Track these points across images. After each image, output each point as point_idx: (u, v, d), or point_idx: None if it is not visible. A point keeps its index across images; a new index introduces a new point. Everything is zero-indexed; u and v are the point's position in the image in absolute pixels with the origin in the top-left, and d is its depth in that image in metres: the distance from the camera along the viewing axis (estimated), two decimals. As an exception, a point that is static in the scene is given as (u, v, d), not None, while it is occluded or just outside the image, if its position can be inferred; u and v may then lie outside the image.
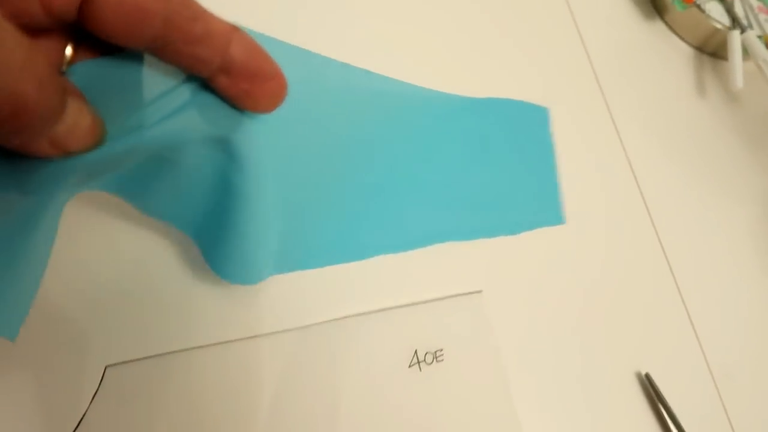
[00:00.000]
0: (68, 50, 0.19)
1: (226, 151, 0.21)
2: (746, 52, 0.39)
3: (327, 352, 0.27)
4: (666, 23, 0.42)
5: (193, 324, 0.26)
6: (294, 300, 0.27)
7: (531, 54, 0.38)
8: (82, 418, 0.23)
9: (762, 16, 0.41)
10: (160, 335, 0.26)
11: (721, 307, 0.35)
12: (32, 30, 0.17)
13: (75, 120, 0.17)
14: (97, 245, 0.26)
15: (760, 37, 0.39)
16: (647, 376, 0.31)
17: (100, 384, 0.24)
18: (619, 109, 0.38)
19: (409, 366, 0.28)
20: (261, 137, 0.22)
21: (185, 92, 0.20)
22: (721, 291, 0.35)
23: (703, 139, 0.40)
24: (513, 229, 0.32)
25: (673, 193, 0.37)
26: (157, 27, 0.17)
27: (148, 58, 0.19)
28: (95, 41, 0.18)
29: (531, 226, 0.33)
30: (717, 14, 0.40)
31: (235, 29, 0.19)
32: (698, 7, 0.40)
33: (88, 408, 0.23)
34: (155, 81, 0.19)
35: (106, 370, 0.24)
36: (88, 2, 0.16)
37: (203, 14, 0.18)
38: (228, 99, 0.20)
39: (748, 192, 0.39)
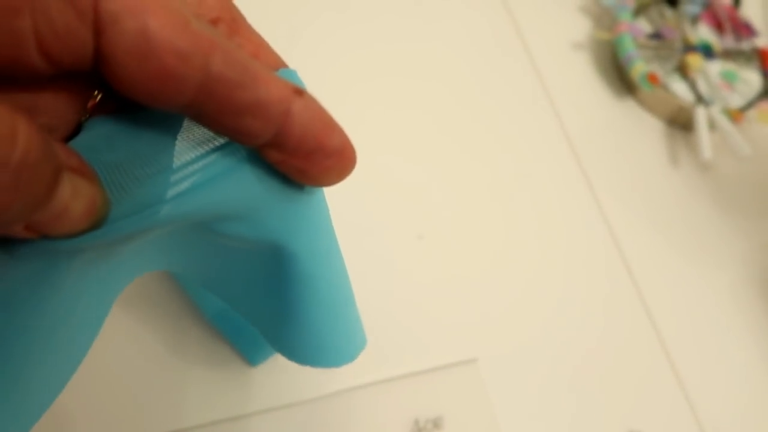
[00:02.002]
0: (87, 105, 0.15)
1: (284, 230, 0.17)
2: (713, 124, 0.42)
3: (331, 427, 0.29)
4: (637, 101, 0.46)
5: (197, 403, 0.28)
6: (293, 374, 0.29)
7: (510, 134, 0.41)
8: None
9: (725, 92, 0.45)
10: (155, 418, 0.27)
11: (709, 367, 0.36)
12: (35, 81, 0.14)
13: (65, 205, 0.12)
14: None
15: (723, 110, 0.42)
16: (641, 437, 0.32)
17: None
18: (599, 183, 0.41)
19: (410, 434, 0.29)
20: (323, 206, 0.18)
21: (233, 152, 0.16)
22: (708, 352, 0.37)
23: (681, 207, 0.42)
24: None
25: (656, 261, 0.39)
26: (189, 95, 0.13)
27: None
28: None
29: None
30: (682, 92, 0.44)
31: (297, 94, 0.15)
32: (664, 87, 0.43)
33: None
34: (192, 138, 0.15)
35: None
36: (102, 57, 0.13)
37: (257, 77, 0.14)
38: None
39: (728, 255, 0.41)
